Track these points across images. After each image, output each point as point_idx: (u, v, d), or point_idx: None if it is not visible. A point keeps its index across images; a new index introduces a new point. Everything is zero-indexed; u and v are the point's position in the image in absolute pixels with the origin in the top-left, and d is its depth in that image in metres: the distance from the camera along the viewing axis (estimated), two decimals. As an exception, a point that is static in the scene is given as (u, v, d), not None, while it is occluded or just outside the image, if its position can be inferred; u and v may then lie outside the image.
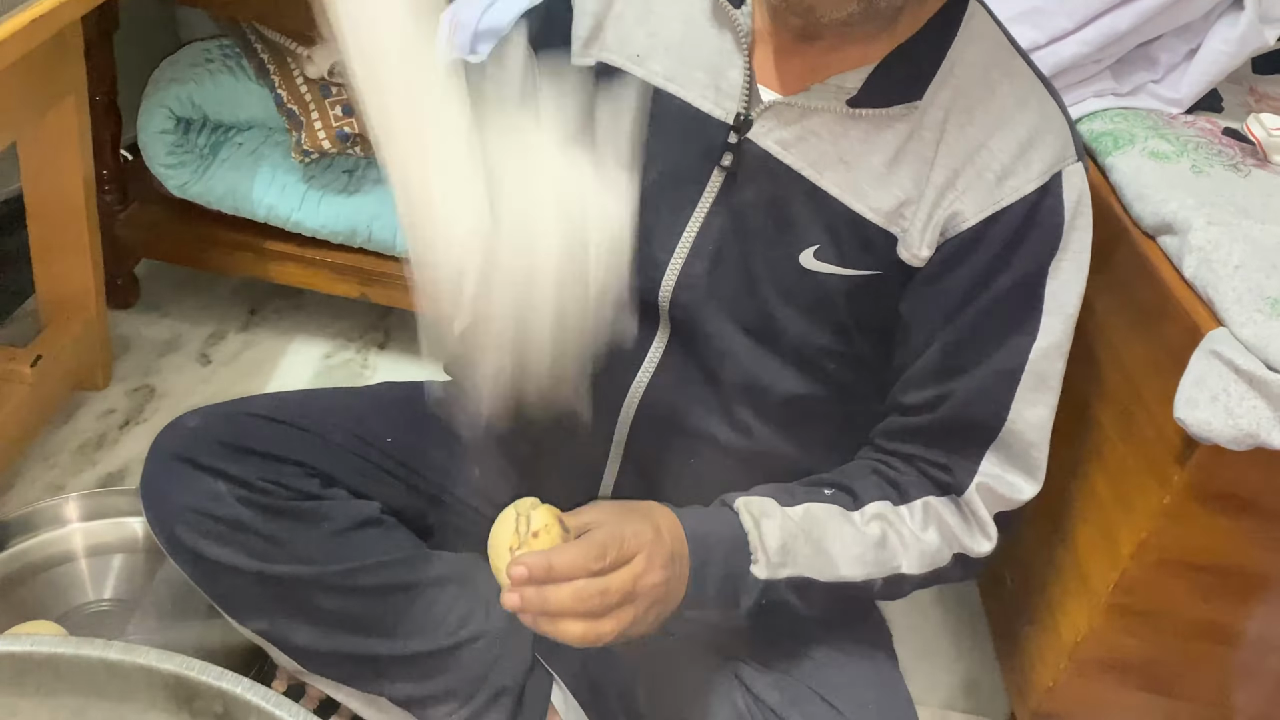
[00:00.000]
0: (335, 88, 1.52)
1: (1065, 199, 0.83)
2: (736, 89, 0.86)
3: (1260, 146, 1.15)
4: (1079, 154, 0.85)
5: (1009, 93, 0.84)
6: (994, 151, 0.83)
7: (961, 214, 0.83)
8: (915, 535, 0.87)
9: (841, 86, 0.83)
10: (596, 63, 0.91)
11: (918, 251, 0.85)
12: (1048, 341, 0.85)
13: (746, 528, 0.83)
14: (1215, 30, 1.29)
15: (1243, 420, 0.84)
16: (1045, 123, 0.84)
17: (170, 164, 1.55)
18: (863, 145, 0.84)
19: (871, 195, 0.84)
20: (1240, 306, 0.89)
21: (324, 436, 0.99)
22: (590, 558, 0.76)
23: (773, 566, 0.83)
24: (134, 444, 1.46)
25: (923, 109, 0.83)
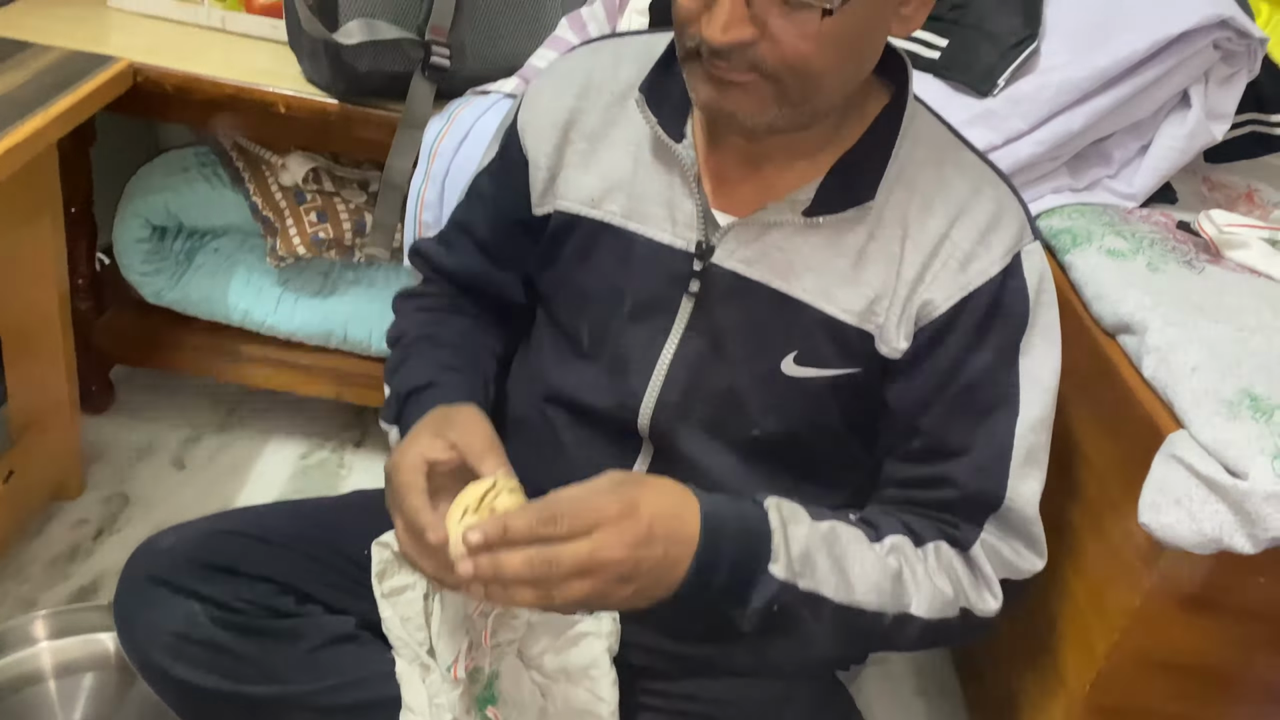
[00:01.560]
0: (310, 194, 1.55)
1: (1028, 278, 0.86)
2: (693, 219, 0.89)
3: (1212, 243, 1.18)
4: (1035, 234, 0.89)
5: (963, 184, 0.87)
6: (956, 240, 0.85)
7: (933, 302, 0.86)
8: (929, 578, 0.86)
9: (795, 200, 0.86)
10: (554, 211, 0.94)
11: (895, 345, 0.87)
12: (1031, 415, 0.87)
13: (773, 526, 0.80)
14: (1165, 128, 1.33)
15: (1206, 525, 0.85)
16: (1000, 208, 0.87)
17: (146, 272, 1.56)
18: (826, 250, 0.86)
19: (842, 297, 0.87)
20: (1199, 409, 0.91)
21: (297, 551, 0.99)
22: (540, 521, 0.73)
23: (792, 572, 0.80)
24: (108, 555, 1.45)
25: (879, 209, 0.86)
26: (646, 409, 0.92)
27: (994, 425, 0.87)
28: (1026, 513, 0.88)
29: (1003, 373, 0.87)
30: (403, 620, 0.98)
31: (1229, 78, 1.31)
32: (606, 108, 0.93)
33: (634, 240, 0.91)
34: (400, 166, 1.35)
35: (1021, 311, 0.86)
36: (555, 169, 0.94)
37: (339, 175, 1.57)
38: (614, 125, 0.92)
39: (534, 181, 0.95)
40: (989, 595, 0.89)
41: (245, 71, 1.37)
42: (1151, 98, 1.30)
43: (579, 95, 0.94)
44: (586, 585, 0.74)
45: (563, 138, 0.94)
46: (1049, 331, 0.88)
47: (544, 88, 0.97)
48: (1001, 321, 0.86)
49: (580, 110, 0.93)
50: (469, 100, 1.35)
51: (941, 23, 1.36)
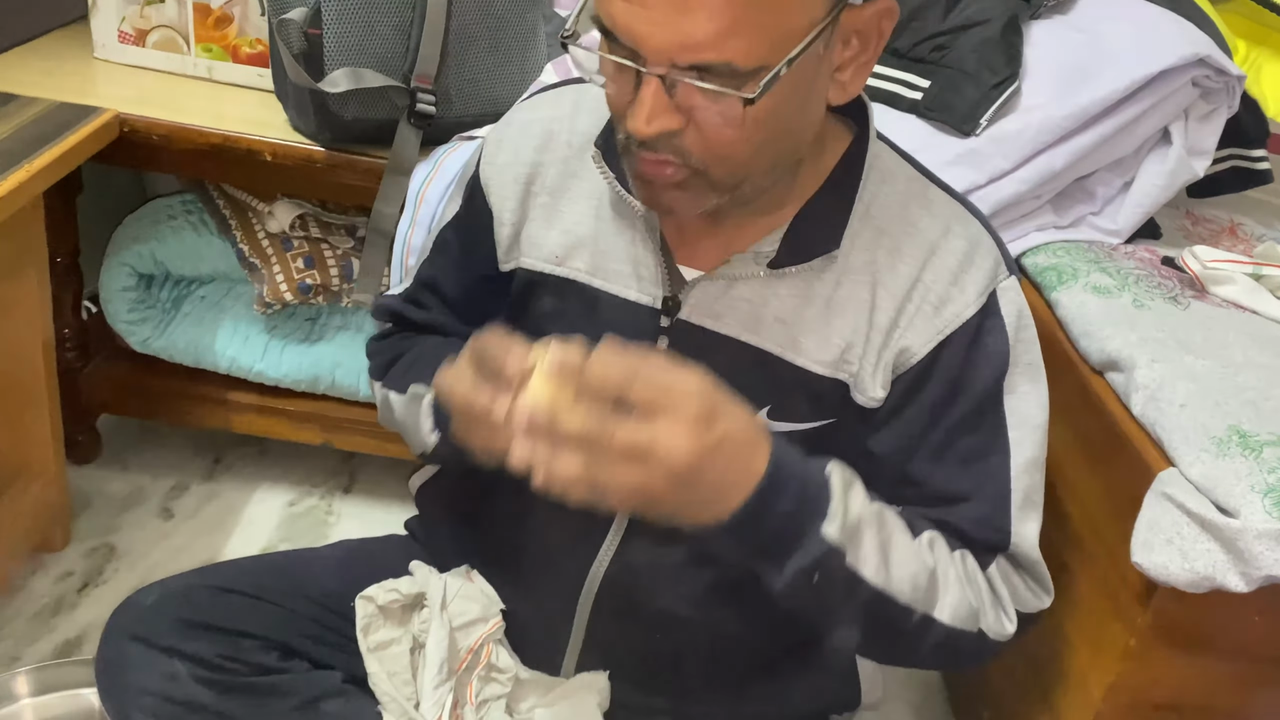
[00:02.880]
0: (296, 240, 1.55)
1: (1005, 316, 0.85)
2: (656, 274, 0.87)
3: (1197, 279, 1.19)
4: (1010, 269, 0.87)
5: (932, 224, 0.85)
6: (928, 283, 0.84)
7: (909, 348, 0.84)
8: (960, 584, 0.83)
9: (759, 252, 0.84)
10: (518, 269, 0.93)
11: (872, 394, 0.85)
12: (1023, 457, 0.85)
13: (834, 489, 0.76)
14: (1147, 165, 1.34)
15: (1198, 564, 0.85)
16: (972, 247, 0.85)
17: (132, 320, 1.55)
18: (794, 301, 0.85)
19: (812, 349, 0.85)
20: (1188, 446, 0.91)
21: (282, 605, 0.98)
22: (621, 371, 0.68)
23: (844, 535, 0.75)
24: (93, 608, 1.43)
25: (845, 255, 0.84)
26: None
27: (987, 470, 0.85)
28: (1031, 555, 0.87)
29: (989, 415, 0.85)
30: (389, 675, 0.96)
31: (1209, 114, 1.33)
32: (565, 160, 0.91)
33: (599, 297, 0.89)
34: (387, 213, 1.35)
35: (1002, 351, 0.85)
36: (519, 224, 0.93)
37: (326, 221, 1.58)
38: (574, 178, 0.91)
39: (499, 237, 0.93)
40: (1005, 618, 0.86)
41: (232, 120, 1.38)
42: (1133, 135, 1.31)
43: (539, 148, 0.92)
44: (637, 473, 0.68)
45: (525, 192, 0.92)
46: (1032, 369, 0.87)
47: (504, 140, 0.95)
48: (982, 363, 0.84)
49: (540, 164, 0.92)
50: (455, 146, 1.35)
51: (923, 64, 1.37)
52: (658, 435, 0.68)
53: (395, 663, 0.98)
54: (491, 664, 0.96)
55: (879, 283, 0.84)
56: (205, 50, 1.48)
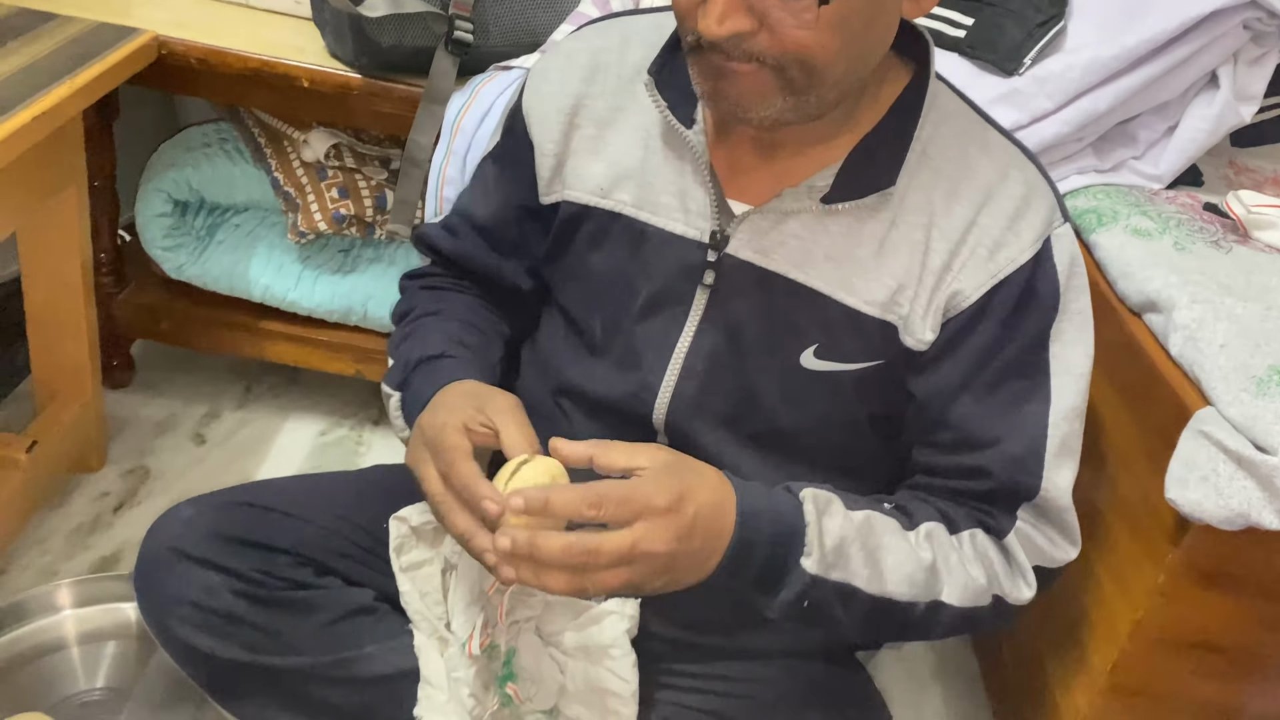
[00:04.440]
0: (331, 170, 1.55)
1: (1058, 262, 0.84)
2: (705, 208, 0.87)
3: (1240, 223, 1.17)
4: (1065, 215, 0.87)
5: (989, 167, 0.85)
6: (985, 227, 0.83)
7: (962, 292, 0.84)
8: (963, 566, 0.85)
9: (813, 186, 0.83)
10: (563, 201, 0.92)
11: (921, 336, 0.85)
12: (1064, 404, 0.85)
13: (808, 519, 0.79)
14: (1192, 109, 1.32)
15: (1233, 500, 0.84)
16: (1029, 191, 0.85)
17: (167, 246, 1.56)
18: (846, 240, 0.84)
19: (862, 288, 0.84)
20: (1226, 385, 0.90)
21: (317, 524, 0.99)
22: (586, 503, 0.72)
23: (825, 565, 0.79)
24: (128, 527, 1.46)
25: (900, 194, 0.84)
26: (662, 403, 0.91)
27: (1026, 415, 0.85)
28: (1061, 502, 0.87)
29: (1033, 361, 0.85)
30: (421, 594, 0.98)
31: (1258, 59, 1.30)
32: (614, 92, 0.90)
33: (645, 230, 0.89)
34: (422, 142, 1.35)
35: (1052, 297, 0.85)
36: (562, 156, 0.92)
37: (360, 152, 1.58)
38: (622, 110, 0.90)
39: (540, 169, 0.93)
40: (1023, 584, 0.87)
41: (269, 46, 1.37)
42: (1179, 78, 1.28)
43: (585, 79, 0.91)
44: (623, 575, 0.74)
45: (569, 123, 0.91)
46: (1080, 317, 0.86)
47: (549, 70, 0.94)
48: (1033, 309, 0.84)
49: (587, 95, 0.91)
50: (492, 75, 1.35)
51: (967, 1, 1.35)
52: (637, 539, 0.72)
53: (427, 583, 0.99)
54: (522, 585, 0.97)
55: (934, 224, 0.83)
56: (243, -25, 1.47)
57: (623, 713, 0.93)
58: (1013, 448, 0.85)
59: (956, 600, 0.84)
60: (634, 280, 0.90)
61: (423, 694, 0.93)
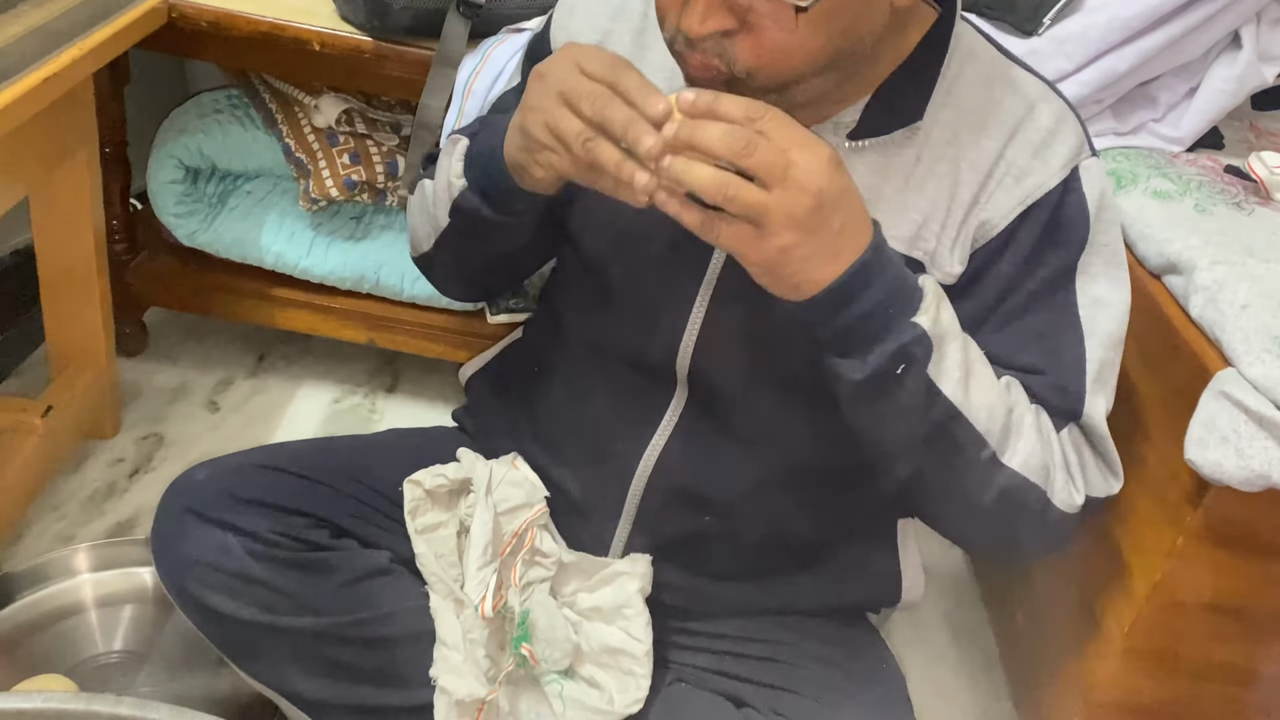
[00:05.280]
0: (343, 136, 1.54)
1: (1087, 192, 0.84)
2: None
3: (1263, 184, 1.16)
4: (1094, 150, 0.86)
5: (1016, 101, 0.85)
6: (1011, 158, 0.83)
7: (990, 220, 0.84)
8: (1035, 431, 0.82)
9: (839, 123, 0.84)
10: None
11: (949, 269, 0.85)
12: (1100, 333, 0.85)
13: (927, 291, 0.77)
14: (1214, 70, 1.30)
15: (1254, 461, 0.84)
16: (1057, 123, 0.84)
17: (179, 213, 1.56)
18: (872, 176, 0.84)
19: (888, 224, 0.84)
20: (1248, 346, 0.89)
21: (332, 487, 1.00)
22: (757, 107, 0.69)
23: (934, 334, 0.76)
24: (143, 493, 1.46)
25: (927, 131, 0.84)
26: (685, 351, 0.91)
27: (1062, 344, 0.84)
28: (1101, 430, 0.86)
29: (1061, 291, 0.84)
30: (436, 557, 0.98)
31: (1282, 18, 1.28)
32: (640, 31, 0.90)
33: None
34: (433, 106, 1.34)
35: (1081, 226, 0.84)
36: None
37: (371, 118, 1.57)
38: (647, 49, 0.90)
39: None
40: (1074, 487, 0.84)
41: (280, 9, 1.36)
42: (1201, 38, 1.26)
43: (612, 16, 0.91)
44: (764, 195, 0.69)
45: None
46: (1109, 250, 0.85)
47: (576, 4, 0.94)
48: (1061, 236, 0.83)
49: (612, 32, 0.91)
50: (503, 38, 1.33)
51: (986, -39, 1.33)
52: (795, 160, 0.68)
53: (442, 545, 0.99)
54: (536, 548, 0.97)
55: (962, 158, 0.83)
56: (252, -62, 1.46)
57: (637, 672, 0.93)
58: (1054, 375, 0.84)
59: (1019, 465, 0.81)
60: (656, 225, 0.89)
61: (438, 655, 0.94)
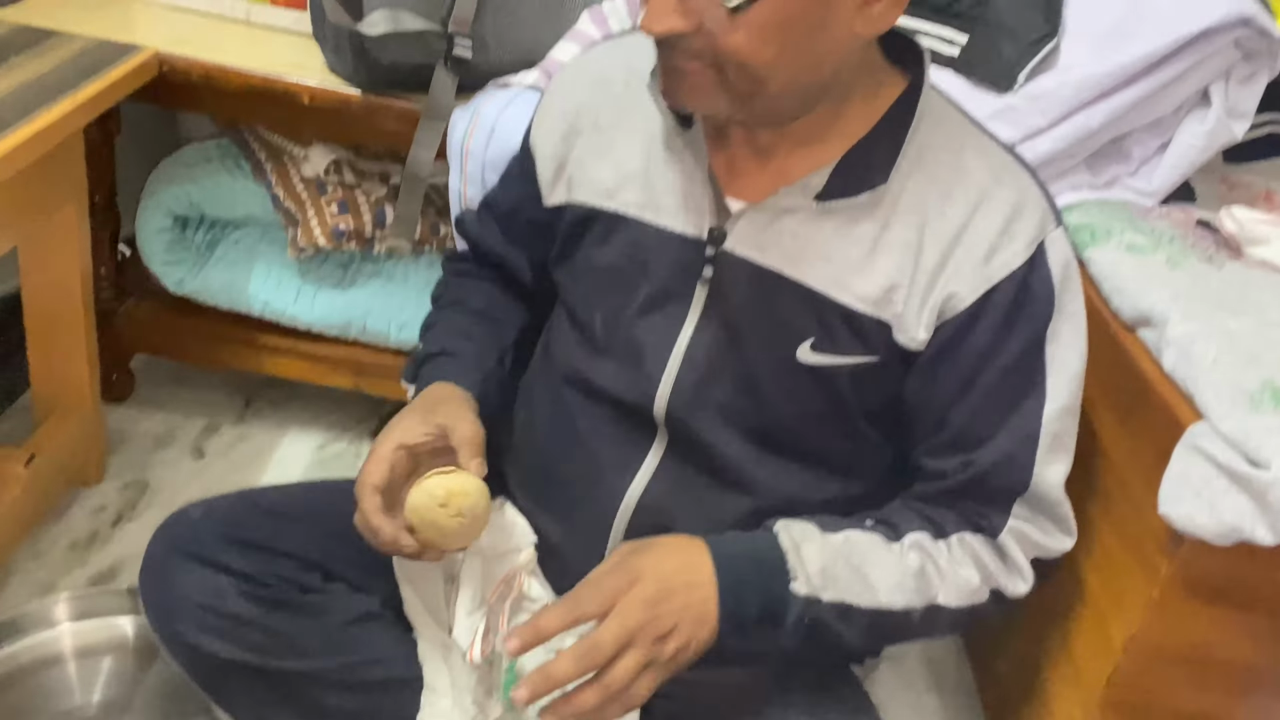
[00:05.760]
0: (331, 186, 1.56)
1: (1052, 266, 0.86)
2: (705, 205, 0.89)
3: (1233, 239, 1.18)
4: (1058, 220, 0.88)
5: (983, 171, 0.87)
6: (979, 230, 0.85)
7: (957, 294, 0.85)
8: (953, 569, 0.88)
9: (808, 184, 0.86)
10: (569, 204, 0.95)
11: (915, 335, 0.86)
12: (1057, 404, 0.87)
13: (785, 549, 0.84)
14: (1185, 125, 1.33)
15: (1226, 515, 0.85)
16: (1022, 196, 0.87)
17: (168, 261, 1.57)
18: (839, 238, 0.86)
19: (856, 285, 0.86)
20: (1219, 400, 0.91)
21: (323, 528, 1.01)
22: (569, 610, 0.79)
23: (814, 587, 0.83)
24: (126, 541, 1.46)
25: (895, 196, 0.86)
26: (662, 396, 0.92)
27: (1021, 413, 0.87)
28: (1053, 495, 0.89)
29: (1030, 362, 0.87)
30: (424, 602, 0.98)
31: (1249, 77, 1.31)
32: (619, 98, 0.94)
33: (648, 230, 0.91)
34: (423, 158, 1.36)
35: (1047, 300, 0.86)
36: (564, 160, 0.96)
37: (360, 168, 1.59)
38: (627, 115, 0.93)
39: (541, 173, 0.98)
40: (1019, 579, 0.90)
41: (270, 63, 1.38)
42: (1172, 95, 1.30)
43: (591, 87, 0.96)
44: (634, 656, 0.78)
45: (571, 129, 0.95)
46: (1074, 318, 0.88)
47: (560, 81, 1.00)
48: (1028, 312, 0.86)
49: (591, 102, 0.95)
50: (491, 94, 1.35)
51: (962, 19, 1.36)
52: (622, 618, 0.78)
53: (429, 590, 1.00)
54: (524, 594, 0.97)
55: (927, 225, 0.85)
56: (244, -8, 1.49)
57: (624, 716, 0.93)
58: (1006, 445, 0.87)
59: (953, 602, 0.87)
60: (636, 277, 0.93)
61: (426, 700, 0.94)
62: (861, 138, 0.86)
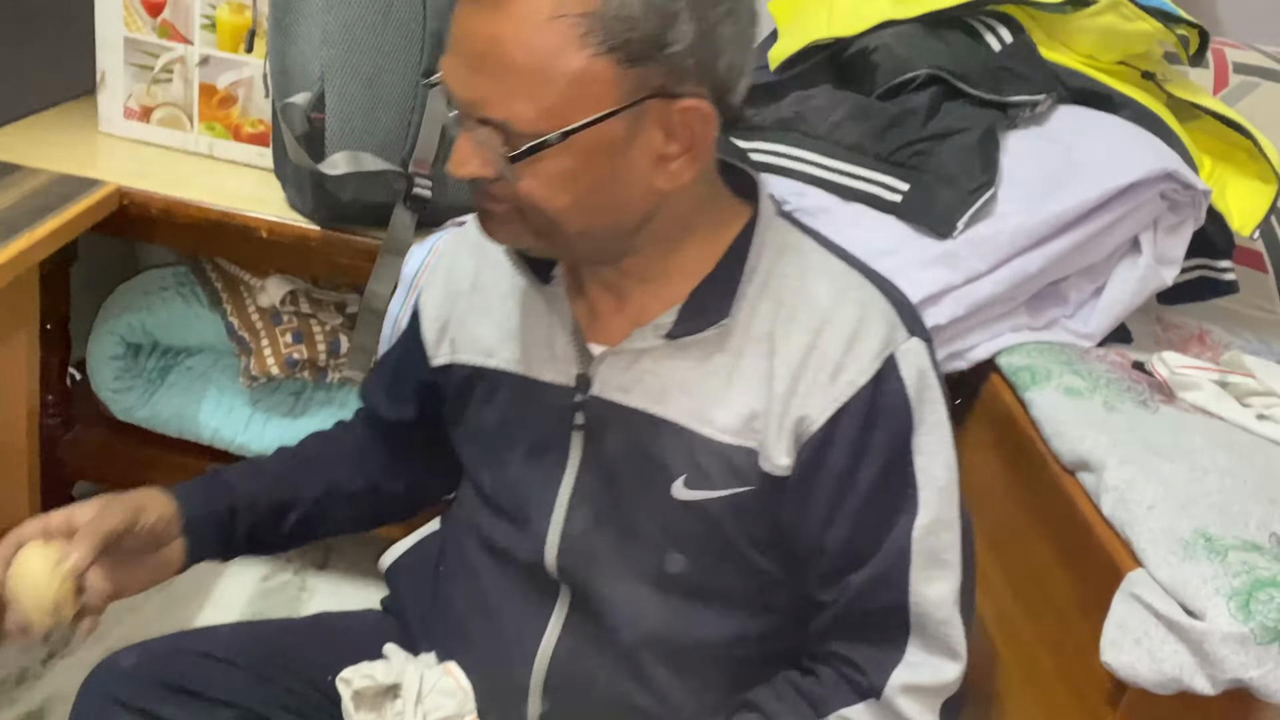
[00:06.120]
0: (286, 315, 1.57)
1: (905, 379, 0.85)
2: (570, 353, 0.90)
3: (1165, 384, 1.22)
4: (912, 330, 0.87)
5: (826, 293, 0.87)
6: (825, 350, 0.85)
7: (808, 417, 0.85)
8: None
9: (659, 324, 0.87)
10: (453, 364, 0.97)
11: (778, 461, 0.86)
12: (927, 517, 0.85)
13: None
14: (1118, 272, 1.39)
15: (1166, 665, 0.86)
16: (865, 312, 0.86)
17: (117, 389, 1.56)
18: (697, 372, 0.87)
19: (717, 418, 0.86)
20: (1156, 548, 0.92)
21: (264, 676, 0.98)
22: None
23: None
24: (57, 679, 1.41)
25: (744, 325, 0.86)
26: (551, 552, 0.92)
27: (893, 531, 0.86)
28: (937, 615, 0.86)
29: (897, 478, 0.86)
30: None
31: (1176, 226, 1.38)
32: (497, 259, 0.95)
33: (524, 384, 0.92)
34: (380, 292, 1.38)
35: (903, 414, 0.85)
36: (446, 320, 0.98)
37: (316, 297, 1.60)
38: (503, 275, 0.95)
39: (426, 335, 0.99)
40: None
41: (230, 197, 1.41)
42: (1104, 243, 1.35)
43: (471, 249, 0.98)
44: None
45: (453, 291, 0.98)
46: (938, 429, 0.87)
47: (444, 244, 1.04)
48: (882, 426, 0.85)
49: (471, 264, 0.98)
50: (447, 231, 1.38)
51: (903, 168, 1.42)
52: None
53: None
54: None
55: (775, 352, 0.86)
56: (208, 128, 1.52)
57: None
58: (877, 565, 0.85)
59: None
60: (517, 433, 0.94)
61: None
62: (708, 273, 0.87)
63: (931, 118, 1.43)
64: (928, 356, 0.88)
